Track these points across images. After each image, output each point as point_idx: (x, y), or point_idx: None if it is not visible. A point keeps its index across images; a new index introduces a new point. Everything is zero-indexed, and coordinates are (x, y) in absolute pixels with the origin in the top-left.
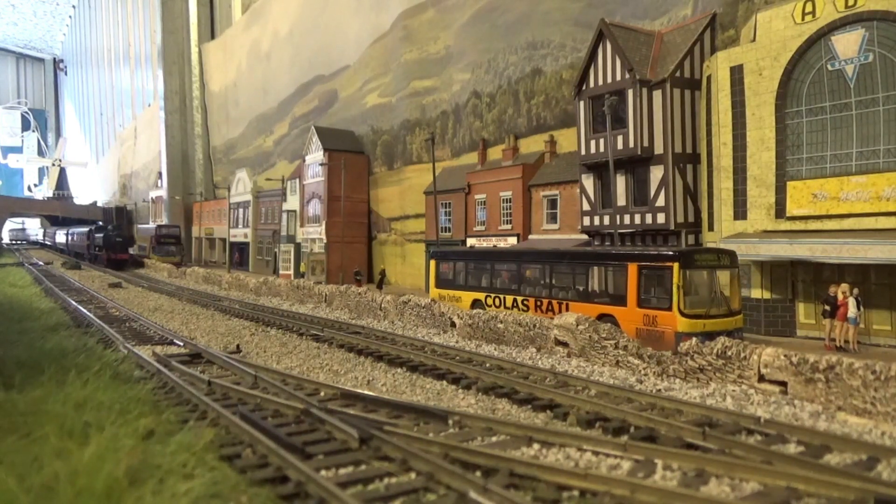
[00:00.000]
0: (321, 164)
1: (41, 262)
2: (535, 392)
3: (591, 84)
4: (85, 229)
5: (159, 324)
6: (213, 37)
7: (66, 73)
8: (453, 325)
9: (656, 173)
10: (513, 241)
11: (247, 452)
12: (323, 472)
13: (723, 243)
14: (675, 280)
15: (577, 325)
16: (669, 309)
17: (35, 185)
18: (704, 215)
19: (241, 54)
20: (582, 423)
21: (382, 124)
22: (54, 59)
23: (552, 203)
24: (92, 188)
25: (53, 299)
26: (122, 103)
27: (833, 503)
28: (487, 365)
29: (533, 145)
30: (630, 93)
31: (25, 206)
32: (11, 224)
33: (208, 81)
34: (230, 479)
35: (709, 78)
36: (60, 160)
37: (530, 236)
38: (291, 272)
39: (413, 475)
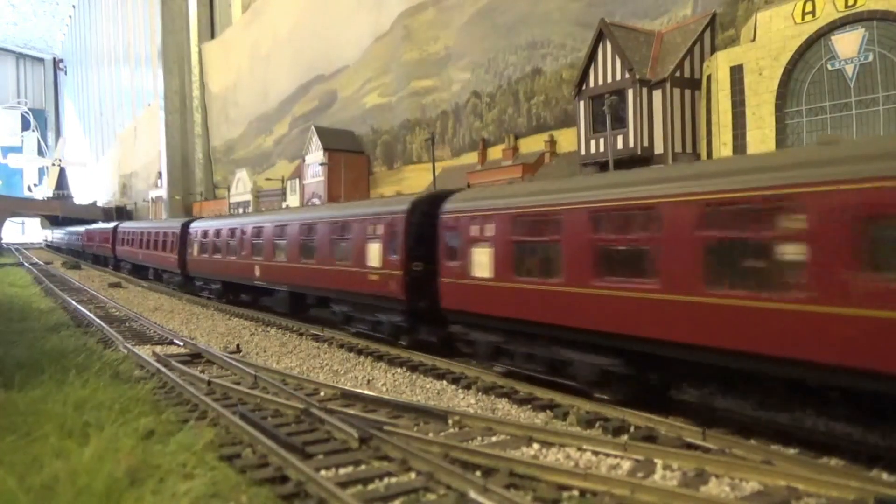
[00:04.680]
0: (321, 164)
1: (41, 262)
2: (534, 392)
3: (591, 84)
4: None
5: (159, 323)
6: (213, 37)
7: (66, 73)
8: None
9: None
10: None
11: (247, 452)
12: (323, 472)
13: None
14: None
15: None
16: None
17: (35, 185)
18: None
19: (241, 54)
20: (582, 422)
21: (382, 124)
22: (54, 59)
23: None
24: (92, 188)
25: (53, 299)
26: (122, 103)
27: (833, 503)
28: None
29: (533, 145)
30: (630, 92)
31: (25, 206)
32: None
33: (208, 81)
34: (230, 478)
35: (709, 78)
36: (60, 160)
37: None
38: None
39: (413, 475)
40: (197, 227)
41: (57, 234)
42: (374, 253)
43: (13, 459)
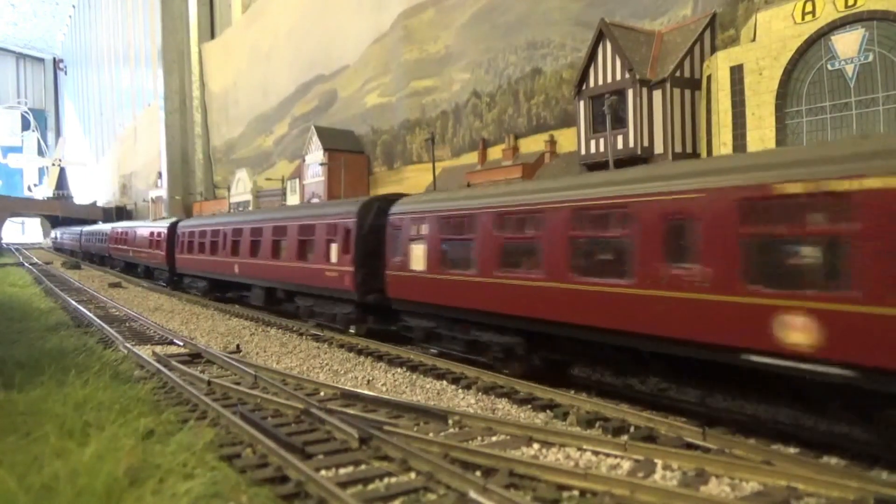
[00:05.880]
0: (321, 164)
1: (41, 262)
2: (534, 392)
3: (591, 84)
4: None
5: (159, 323)
6: (213, 37)
7: (66, 73)
8: None
9: None
10: None
11: (247, 452)
12: (323, 472)
13: None
14: None
15: None
16: None
17: (35, 185)
18: None
19: (241, 54)
20: (582, 422)
21: (382, 124)
22: (54, 59)
23: None
24: (92, 188)
25: (53, 299)
26: (122, 103)
27: (833, 503)
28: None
29: (533, 145)
30: (630, 92)
31: (25, 206)
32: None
33: (208, 81)
34: (230, 478)
35: (709, 78)
36: (60, 160)
37: None
38: None
39: (413, 475)
40: (432, 209)
41: (67, 235)
42: None
43: (13, 459)
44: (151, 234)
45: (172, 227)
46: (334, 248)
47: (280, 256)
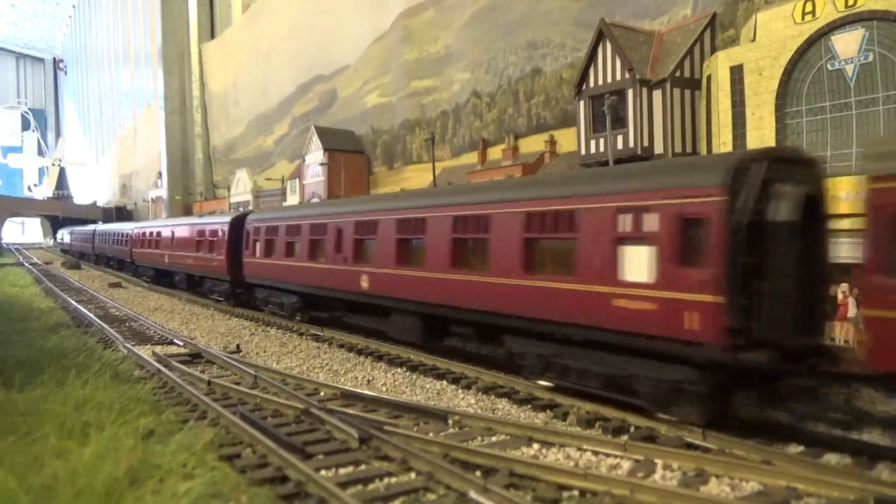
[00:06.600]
0: (321, 164)
1: (41, 262)
2: (534, 392)
3: (591, 84)
4: None
5: (159, 323)
6: (213, 37)
7: (66, 73)
8: None
9: None
10: None
11: (247, 452)
12: (323, 472)
13: None
14: None
15: None
16: None
17: (35, 185)
18: None
19: (241, 54)
20: (582, 422)
21: (382, 124)
22: (54, 59)
23: None
24: (92, 188)
25: (53, 299)
26: (122, 103)
27: (833, 503)
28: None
29: (533, 145)
30: (630, 92)
31: (25, 206)
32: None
33: (208, 81)
34: (230, 478)
35: (709, 78)
36: (60, 160)
37: None
38: None
39: (413, 475)
40: None
41: (76, 236)
42: None
43: (13, 459)
44: (202, 233)
45: (237, 223)
46: (638, 255)
47: (468, 266)
